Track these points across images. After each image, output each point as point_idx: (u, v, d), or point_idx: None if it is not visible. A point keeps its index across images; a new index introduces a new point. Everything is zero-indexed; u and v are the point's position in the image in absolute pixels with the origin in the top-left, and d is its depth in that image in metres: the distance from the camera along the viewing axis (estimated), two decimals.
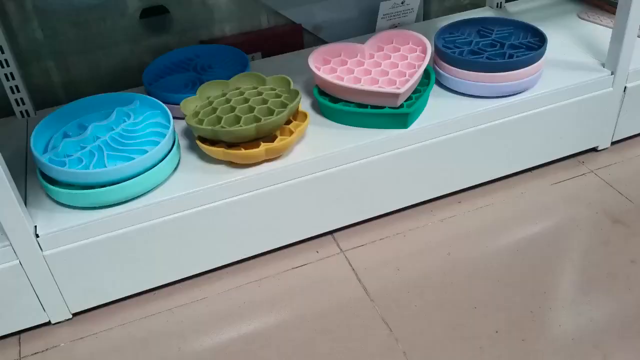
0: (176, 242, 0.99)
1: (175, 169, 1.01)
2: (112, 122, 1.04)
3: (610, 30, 1.18)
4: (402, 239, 1.12)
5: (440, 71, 1.16)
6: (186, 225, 0.98)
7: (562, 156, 1.26)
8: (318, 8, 1.39)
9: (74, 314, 1.01)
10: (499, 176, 1.22)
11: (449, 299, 0.99)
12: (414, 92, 1.11)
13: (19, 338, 0.98)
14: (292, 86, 1.07)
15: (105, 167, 0.95)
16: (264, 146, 0.98)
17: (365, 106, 1.06)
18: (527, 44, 1.16)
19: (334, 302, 1.01)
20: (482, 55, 1.14)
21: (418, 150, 1.08)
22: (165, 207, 0.95)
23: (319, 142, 1.05)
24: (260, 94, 1.07)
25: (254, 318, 0.99)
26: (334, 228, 1.13)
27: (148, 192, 0.96)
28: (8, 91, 1.15)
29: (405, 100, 1.07)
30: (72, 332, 0.99)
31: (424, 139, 1.08)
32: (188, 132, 1.09)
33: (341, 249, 1.11)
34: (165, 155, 0.97)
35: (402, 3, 1.42)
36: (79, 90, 1.28)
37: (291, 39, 1.40)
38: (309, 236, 1.11)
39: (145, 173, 0.94)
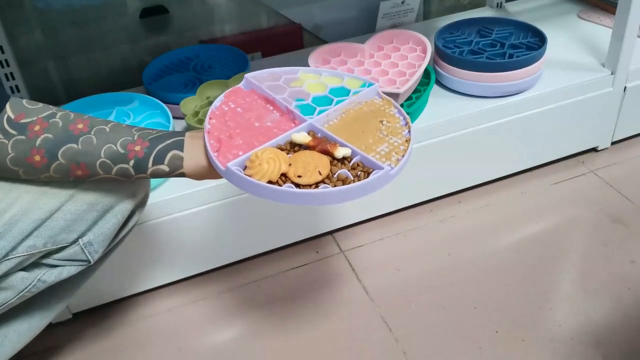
0: (175, 243, 0.99)
1: None
2: None
3: (610, 30, 1.18)
4: (402, 239, 1.12)
5: (440, 71, 1.16)
6: (186, 225, 0.98)
7: (562, 156, 1.26)
8: (318, 8, 1.39)
9: (74, 314, 1.01)
10: (499, 176, 1.22)
11: (449, 299, 0.99)
12: (414, 92, 1.11)
13: None
14: None
15: None
16: None
17: None
18: (527, 44, 1.16)
19: (334, 302, 1.01)
20: (482, 55, 1.14)
21: (418, 150, 1.08)
22: (164, 207, 0.95)
23: None
24: None
25: (254, 318, 0.99)
26: (334, 228, 1.12)
27: None
28: (8, 91, 1.15)
29: (406, 100, 1.07)
30: (72, 332, 0.99)
31: (424, 139, 1.08)
32: None
33: (341, 249, 1.11)
34: None
35: (402, 3, 1.42)
36: (79, 90, 1.28)
37: (291, 39, 1.40)
38: (309, 236, 1.11)
39: None
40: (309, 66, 1.09)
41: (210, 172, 0.67)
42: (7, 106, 0.62)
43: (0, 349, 0.74)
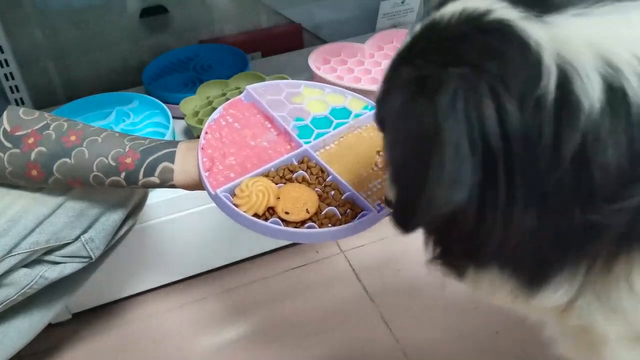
0: (175, 243, 0.99)
1: None
2: (111, 121, 1.04)
3: None
4: (402, 239, 1.11)
5: None
6: (185, 225, 0.98)
7: None
8: (318, 8, 1.39)
9: (74, 314, 1.00)
10: None
11: (449, 299, 0.99)
12: None
13: None
14: None
15: None
16: None
17: None
18: None
19: (334, 302, 1.00)
20: None
21: None
22: (164, 207, 0.95)
23: None
24: None
25: (254, 318, 0.99)
26: None
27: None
28: (8, 91, 1.15)
29: None
30: (72, 332, 0.99)
31: None
32: (188, 132, 1.09)
33: (341, 249, 1.10)
34: None
35: (402, 3, 1.42)
36: (79, 90, 1.28)
37: (291, 39, 1.40)
38: None
39: None
40: (308, 65, 1.09)
41: (201, 185, 0.67)
42: (4, 117, 0.63)
43: (1, 347, 0.74)
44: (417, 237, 1.19)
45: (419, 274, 1.04)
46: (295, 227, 0.61)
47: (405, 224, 0.44)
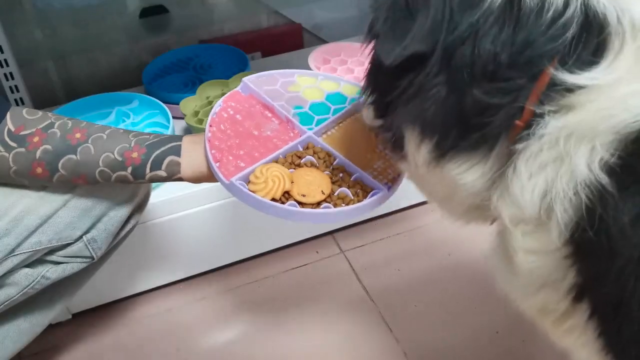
0: (175, 243, 0.99)
1: None
2: (111, 121, 1.04)
3: None
4: (403, 239, 1.12)
5: None
6: (186, 225, 0.98)
7: None
8: (318, 8, 1.39)
9: (74, 314, 1.00)
10: None
11: (449, 299, 0.99)
12: None
13: None
14: None
15: None
16: None
17: None
18: None
19: (334, 302, 1.00)
20: None
21: None
22: (165, 207, 0.95)
23: None
24: None
25: (254, 318, 0.99)
26: (334, 228, 1.12)
27: None
28: (8, 91, 1.15)
29: None
30: (72, 332, 0.99)
31: None
32: (188, 132, 1.09)
33: (341, 249, 1.10)
34: None
35: None
36: (78, 90, 1.28)
37: (291, 39, 1.40)
38: (309, 236, 1.11)
39: None
40: (308, 65, 1.09)
41: (208, 177, 0.67)
42: (8, 117, 0.63)
43: (1, 347, 0.74)
44: (417, 237, 1.19)
45: (419, 274, 1.04)
46: (312, 209, 0.62)
47: (387, 54, 0.51)
